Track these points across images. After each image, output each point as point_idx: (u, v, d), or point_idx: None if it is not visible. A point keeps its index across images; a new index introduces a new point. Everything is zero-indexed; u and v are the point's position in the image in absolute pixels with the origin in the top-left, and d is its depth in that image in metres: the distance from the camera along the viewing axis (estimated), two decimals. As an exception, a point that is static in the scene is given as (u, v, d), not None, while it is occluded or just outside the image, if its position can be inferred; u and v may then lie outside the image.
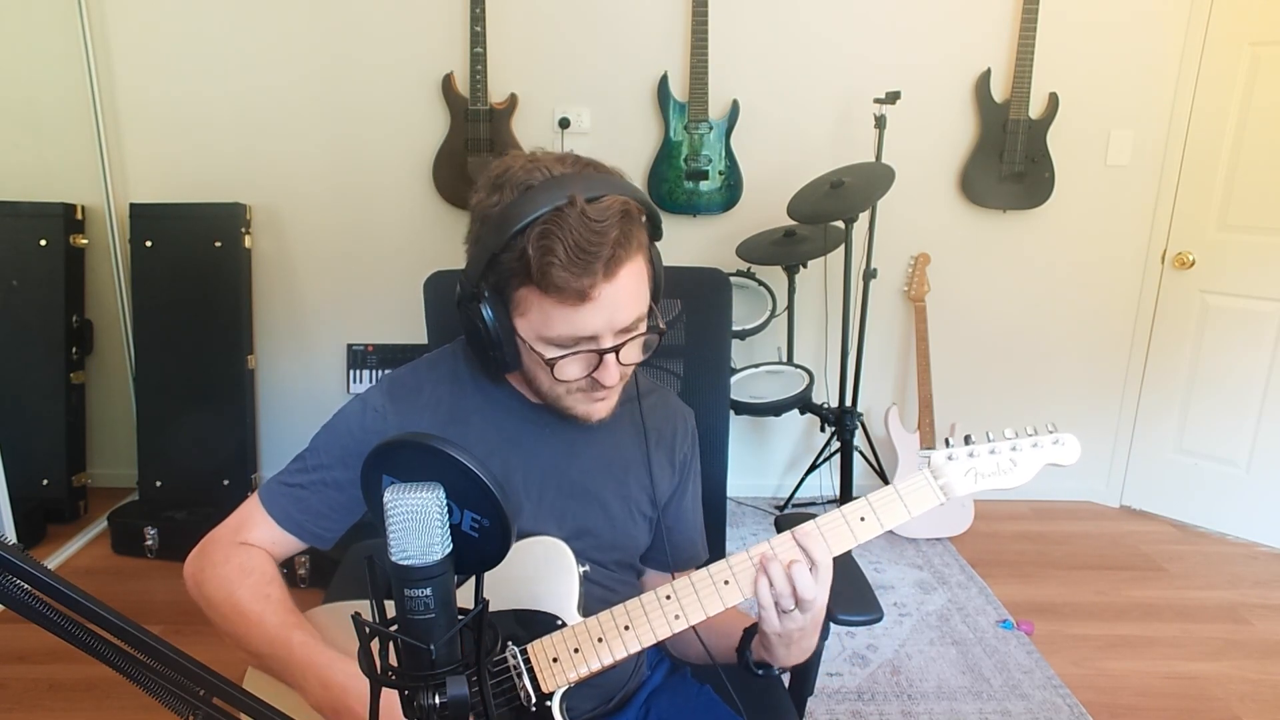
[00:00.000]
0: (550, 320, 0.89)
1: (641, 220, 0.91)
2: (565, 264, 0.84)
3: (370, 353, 2.82)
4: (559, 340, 0.90)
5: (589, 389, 0.96)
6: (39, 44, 2.75)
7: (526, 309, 0.90)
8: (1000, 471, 0.89)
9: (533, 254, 0.84)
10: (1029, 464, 0.90)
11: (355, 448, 0.99)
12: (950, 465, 0.90)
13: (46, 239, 2.72)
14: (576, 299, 0.86)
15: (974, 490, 0.90)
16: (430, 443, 0.58)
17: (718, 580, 0.90)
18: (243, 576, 0.94)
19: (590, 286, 0.86)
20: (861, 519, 0.90)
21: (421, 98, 2.82)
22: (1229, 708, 2.03)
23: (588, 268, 0.85)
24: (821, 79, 2.85)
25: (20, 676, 2.02)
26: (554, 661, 0.89)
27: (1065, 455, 0.91)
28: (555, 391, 0.96)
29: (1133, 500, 3.16)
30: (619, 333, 0.91)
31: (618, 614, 0.91)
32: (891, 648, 2.24)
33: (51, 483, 2.76)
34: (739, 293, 2.75)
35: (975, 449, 0.90)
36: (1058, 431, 0.91)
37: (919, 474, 0.90)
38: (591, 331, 0.89)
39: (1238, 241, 2.81)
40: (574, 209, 0.84)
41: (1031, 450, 0.90)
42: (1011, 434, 0.91)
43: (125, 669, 0.53)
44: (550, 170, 0.88)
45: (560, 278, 0.85)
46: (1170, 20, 2.82)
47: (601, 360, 0.92)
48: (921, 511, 0.89)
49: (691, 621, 0.90)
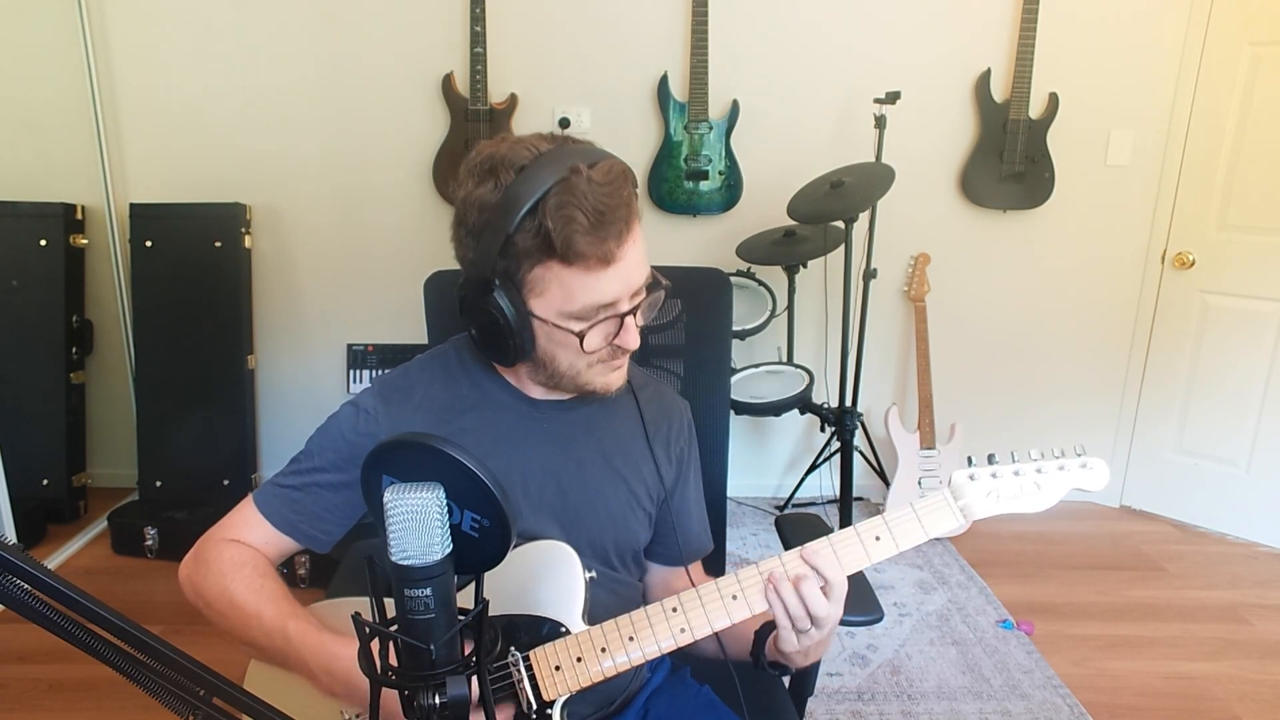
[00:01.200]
0: (572, 293, 0.89)
1: (634, 181, 0.92)
2: (589, 229, 0.84)
3: (370, 353, 2.82)
4: (581, 313, 0.90)
5: (609, 358, 0.96)
6: (39, 44, 2.75)
7: (544, 288, 0.89)
8: (1023, 494, 0.85)
9: (553, 226, 0.84)
10: (1054, 488, 0.86)
11: (348, 451, 0.99)
12: (972, 486, 0.86)
13: (46, 239, 2.72)
14: (601, 263, 0.87)
15: (994, 512, 0.86)
16: (430, 443, 0.58)
17: (725, 595, 0.89)
18: (236, 570, 0.94)
19: (616, 248, 0.87)
20: (877, 538, 0.88)
21: (421, 98, 2.82)
22: (1229, 708, 2.03)
23: (610, 229, 0.86)
24: (822, 79, 2.86)
25: (20, 676, 2.02)
26: (556, 669, 0.89)
27: (1093, 481, 0.86)
28: (576, 367, 0.96)
29: (1133, 500, 3.16)
30: (633, 295, 0.92)
31: (622, 624, 0.90)
32: (891, 648, 2.24)
33: (51, 483, 2.76)
34: (739, 293, 2.75)
35: (998, 470, 0.86)
36: (1085, 455, 0.86)
37: (938, 494, 0.87)
38: (612, 297, 0.90)
39: (1238, 241, 2.81)
40: (581, 177, 0.84)
41: (1057, 474, 0.86)
42: (1037, 455, 0.86)
43: (125, 669, 0.53)
44: (537, 147, 0.88)
45: (585, 243, 0.85)
46: (1170, 20, 2.82)
47: (622, 324, 0.93)
48: (939, 534, 0.86)
49: (697, 636, 0.89)
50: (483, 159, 0.89)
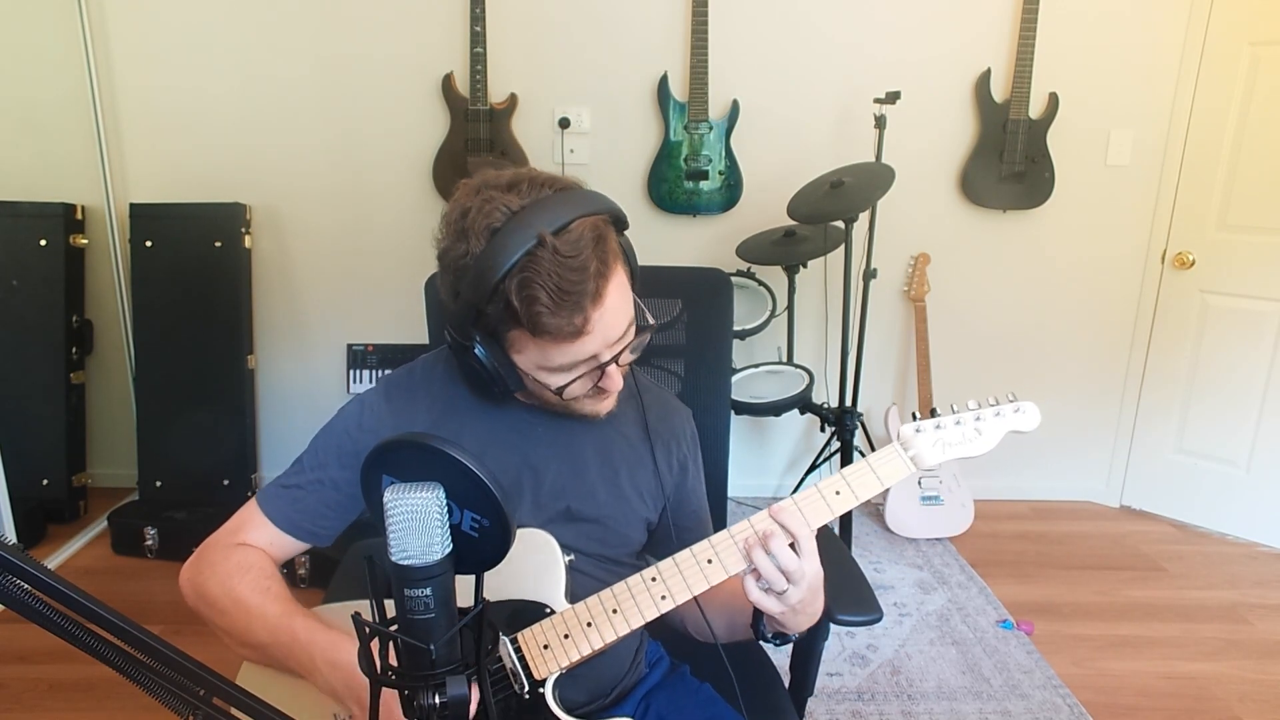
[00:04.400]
0: (548, 355, 0.90)
1: (610, 231, 0.90)
2: (553, 310, 0.84)
3: (370, 353, 2.82)
4: (560, 368, 0.92)
5: (595, 395, 0.98)
6: (39, 44, 2.75)
7: (523, 348, 0.91)
8: (966, 440, 0.94)
9: (518, 304, 0.84)
10: (993, 432, 0.94)
11: (351, 446, 1.01)
12: (919, 437, 0.93)
13: (46, 239, 2.72)
14: (571, 337, 0.87)
15: (943, 459, 0.93)
16: (430, 443, 0.58)
17: (701, 559, 0.92)
18: (242, 572, 0.95)
19: (582, 323, 0.86)
20: (837, 493, 0.92)
21: (421, 98, 2.82)
22: (1229, 708, 2.03)
23: (576, 306, 0.85)
24: (822, 79, 2.85)
25: (20, 676, 2.02)
26: (545, 649, 0.91)
27: (1026, 422, 0.95)
28: (564, 403, 0.98)
29: (1133, 500, 3.16)
30: (613, 345, 0.92)
31: (605, 598, 0.92)
32: (891, 648, 2.24)
33: (51, 483, 2.76)
34: (739, 293, 2.74)
35: (942, 420, 0.94)
36: (1018, 400, 0.95)
37: (889, 446, 0.94)
38: (590, 354, 0.91)
39: (1238, 241, 2.81)
40: (546, 250, 0.83)
41: (994, 419, 0.94)
42: (974, 405, 0.95)
43: (125, 669, 0.53)
44: (508, 206, 0.86)
45: (550, 324, 0.85)
46: (1170, 20, 2.82)
47: (604, 372, 0.94)
48: (894, 481, 0.93)
49: (678, 601, 0.91)
50: (458, 215, 0.88)
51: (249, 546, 0.99)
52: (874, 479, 0.92)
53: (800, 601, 0.92)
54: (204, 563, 0.97)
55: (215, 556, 0.97)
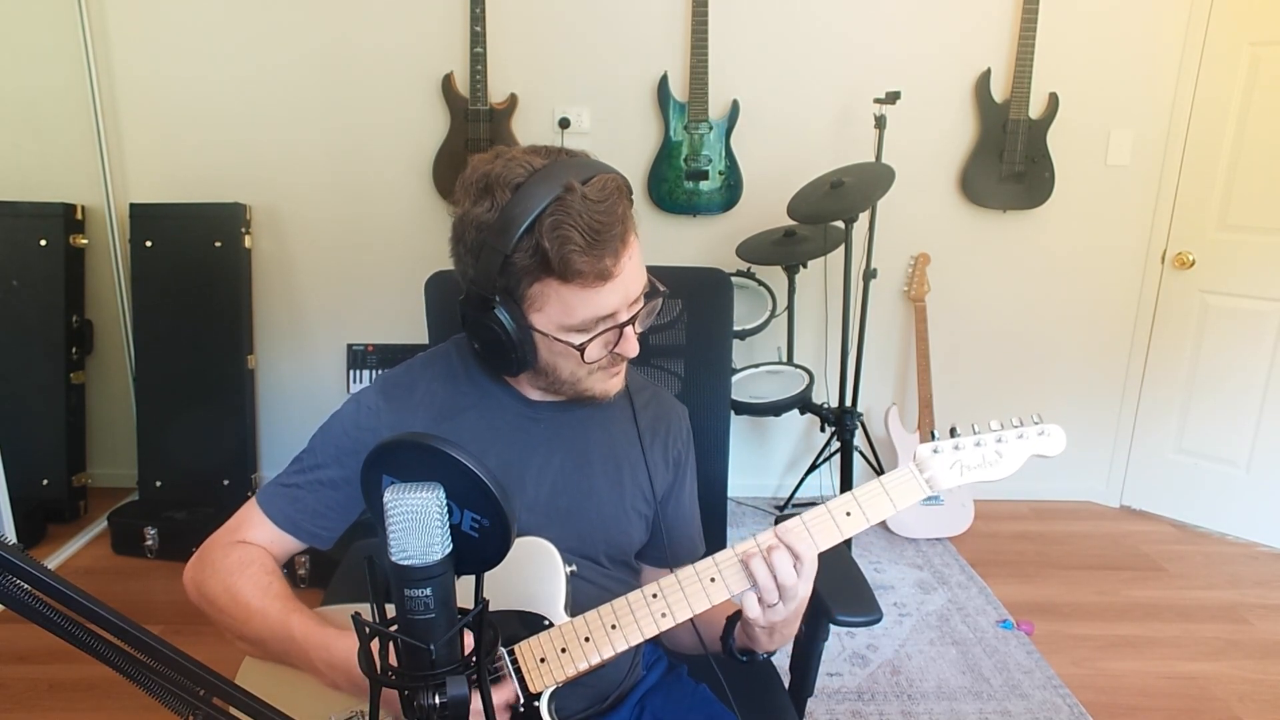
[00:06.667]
0: (571, 307, 0.90)
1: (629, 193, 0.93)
2: (584, 248, 0.85)
3: (370, 353, 2.82)
4: (581, 325, 0.92)
5: (609, 365, 0.98)
6: (39, 43, 2.75)
7: (544, 303, 0.91)
8: (986, 464, 0.89)
9: (549, 246, 0.85)
10: (1014, 455, 0.90)
11: (350, 445, 1.01)
12: (935, 459, 0.90)
13: (46, 239, 2.72)
14: (599, 280, 0.88)
15: (960, 483, 0.89)
16: (430, 442, 0.58)
17: (704, 578, 0.91)
18: (241, 569, 0.95)
19: (612, 265, 0.88)
20: (847, 514, 0.90)
21: (421, 98, 2.82)
22: (1229, 708, 2.03)
23: (606, 247, 0.87)
24: (821, 79, 2.85)
25: (20, 676, 2.02)
26: (541, 662, 0.90)
27: (1050, 446, 0.91)
28: (577, 375, 0.98)
29: (1133, 500, 3.16)
30: (631, 305, 0.94)
31: (604, 613, 0.91)
32: (891, 648, 2.24)
33: (51, 483, 2.76)
34: (739, 293, 2.74)
35: (960, 442, 0.90)
36: (1043, 423, 0.91)
37: (904, 468, 0.90)
38: (611, 309, 0.91)
39: (1238, 241, 2.81)
40: (575, 195, 0.85)
41: (1017, 442, 0.90)
42: (997, 425, 0.91)
43: (125, 669, 0.53)
44: (531, 164, 0.88)
45: (582, 263, 0.86)
46: (1170, 20, 2.82)
47: (621, 334, 0.94)
48: (907, 504, 0.89)
49: (678, 620, 0.90)
50: (478, 177, 0.89)
51: (249, 544, 0.99)
52: (887, 501, 0.89)
53: (783, 621, 0.91)
54: (205, 562, 0.98)
55: (215, 555, 0.98)
